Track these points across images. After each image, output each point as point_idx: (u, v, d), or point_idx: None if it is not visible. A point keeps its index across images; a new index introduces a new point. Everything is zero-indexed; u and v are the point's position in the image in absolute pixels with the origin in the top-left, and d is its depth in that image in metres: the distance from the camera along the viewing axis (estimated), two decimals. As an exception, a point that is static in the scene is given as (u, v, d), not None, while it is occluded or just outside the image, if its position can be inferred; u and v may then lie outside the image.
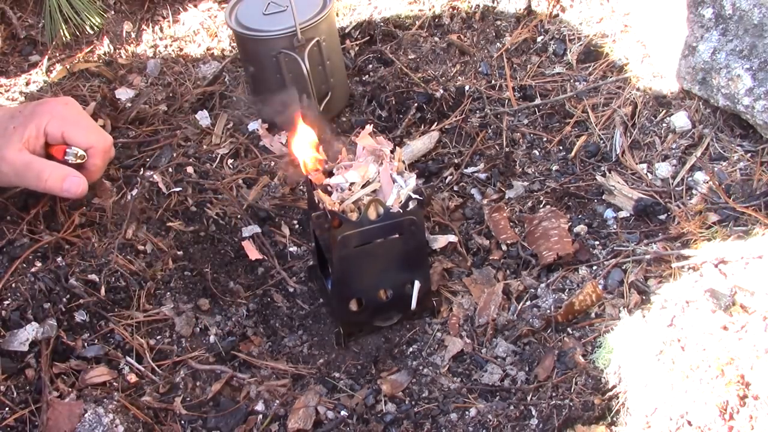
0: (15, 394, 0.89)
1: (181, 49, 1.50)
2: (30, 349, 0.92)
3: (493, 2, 1.49)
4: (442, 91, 1.33)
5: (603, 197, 1.13)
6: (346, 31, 1.48)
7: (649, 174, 1.14)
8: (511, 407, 0.88)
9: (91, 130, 1.07)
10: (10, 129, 1.03)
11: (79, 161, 1.06)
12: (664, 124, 1.20)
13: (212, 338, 1.01)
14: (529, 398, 0.89)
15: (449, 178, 1.21)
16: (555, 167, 1.20)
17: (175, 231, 1.13)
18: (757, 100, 1.08)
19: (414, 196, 0.90)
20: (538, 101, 1.30)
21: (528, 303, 1.00)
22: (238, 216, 1.15)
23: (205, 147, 1.27)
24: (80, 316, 0.98)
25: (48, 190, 1.03)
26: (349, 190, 0.92)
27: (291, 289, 1.09)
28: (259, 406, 0.93)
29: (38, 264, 1.03)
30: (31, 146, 1.03)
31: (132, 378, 0.94)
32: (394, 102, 1.33)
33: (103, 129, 1.28)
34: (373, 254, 0.92)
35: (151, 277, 1.05)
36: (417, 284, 0.97)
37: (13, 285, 0.99)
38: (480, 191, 1.19)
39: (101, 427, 0.86)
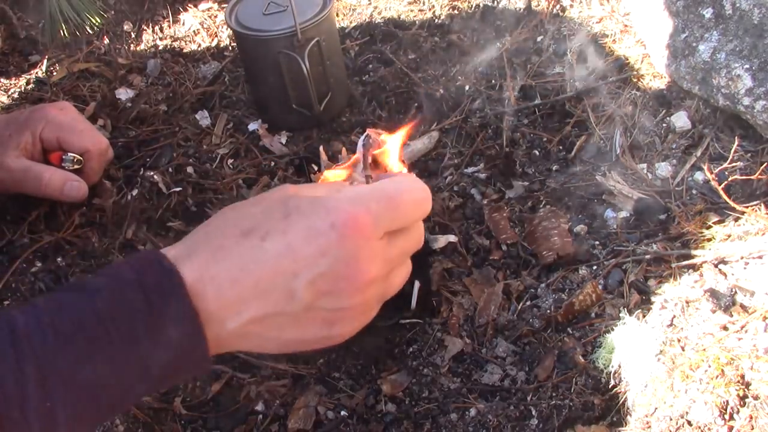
0: (15, 394, 0.89)
1: (181, 49, 1.50)
2: (30, 349, 0.92)
3: (493, 2, 1.49)
4: (442, 91, 1.33)
5: (603, 197, 1.13)
6: (346, 31, 1.48)
7: (649, 174, 1.15)
8: (511, 407, 0.88)
9: (86, 134, 1.07)
10: (5, 136, 1.03)
11: (76, 166, 1.06)
12: (664, 124, 1.20)
13: (212, 338, 1.01)
14: (529, 398, 0.89)
15: (449, 178, 1.21)
16: (555, 167, 1.20)
17: (175, 231, 1.13)
18: (757, 100, 1.08)
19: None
20: (538, 101, 1.30)
21: (528, 303, 1.00)
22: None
23: (205, 147, 1.27)
24: (80, 316, 0.98)
25: (48, 196, 1.04)
26: (349, 190, 0.92)
27: (291, 289, 1.09)
28: (259, 406, 0.93)
29: (38, 264, 1.03)
30: (28, 153, 1.04)
31: (132, 378, 0.94)
32: (394, 102, 1.33)
33: (103, 129, 1.28)
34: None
35: (151, 277, 1.05)
36: (417, 284, 0.97)
37: (13, 285, 0.99)
38: (480, 191, 1.19)
39: (101, 427, 0.86)
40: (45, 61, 1.45)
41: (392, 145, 0.92)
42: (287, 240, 0.56)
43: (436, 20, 1.48)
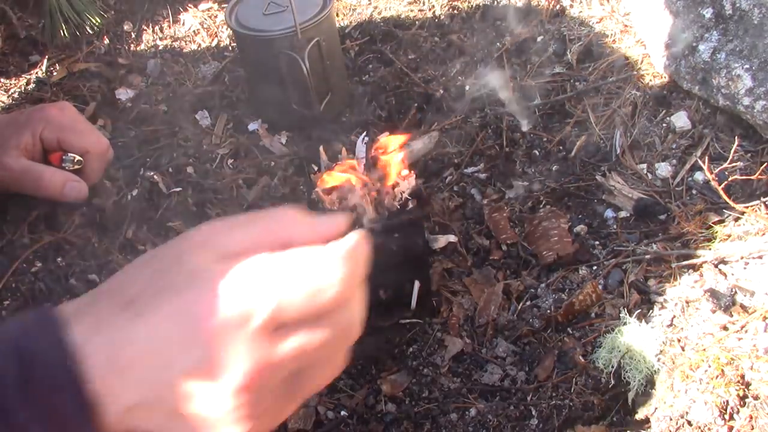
0: (15, 394, 0.89)
1: (181, 49, 1.50)
2: (30, 349, 0.92)
3: (493, 2, 1.49)
4: (442, 91, 1.33)
5: (603, 197, 1.13)
6: (346, 31, 1.48)
7: (649, 174, 1.15)
8: (511, 407, 0.88)
9: (87, 134, 1.07)
10: (5, 136, 1.03)
11: (76, 167, 1.06)
12: (664, 124, 1.20)
13: (212, 338, 1.01)
14: (529, 398, 0.89)
15: (449, 178, 1.21)
16: (555, 167, 1.19)
17: (175, 231, 1.13)
18: (757, 100, 1.08)
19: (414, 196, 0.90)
20: (538, 101, 1.30)
21: (528, 303, 1.00)
22: (239, 216, 1.15)
23: (205, 147, 1.27)
24: (80, 316, 0.98)
25: (48, 196, 1.03)
26: (349, 190, 0.92)
27: (291, 289, 1.09)
28: (259, 406, 0.93)
29: (38, 264, 1.03)
30: (29, 153, 1.03)
31: (132, 378, 0.94)
32: (394, 102, 1.33)
33: (103, 129, 1.28)
34: (373, 254, 0.92)
35: (152, 277, 1.05)
36: (417, 284, 0.97)
37: (14, 285, 0.99)
38: (480, 191, 1.19)
39: None
40: (45, 61, 1.45)
41: (393, 146, 0.92)
42: (156, 321, 0.47)
43: (436, 20, 1.48)
